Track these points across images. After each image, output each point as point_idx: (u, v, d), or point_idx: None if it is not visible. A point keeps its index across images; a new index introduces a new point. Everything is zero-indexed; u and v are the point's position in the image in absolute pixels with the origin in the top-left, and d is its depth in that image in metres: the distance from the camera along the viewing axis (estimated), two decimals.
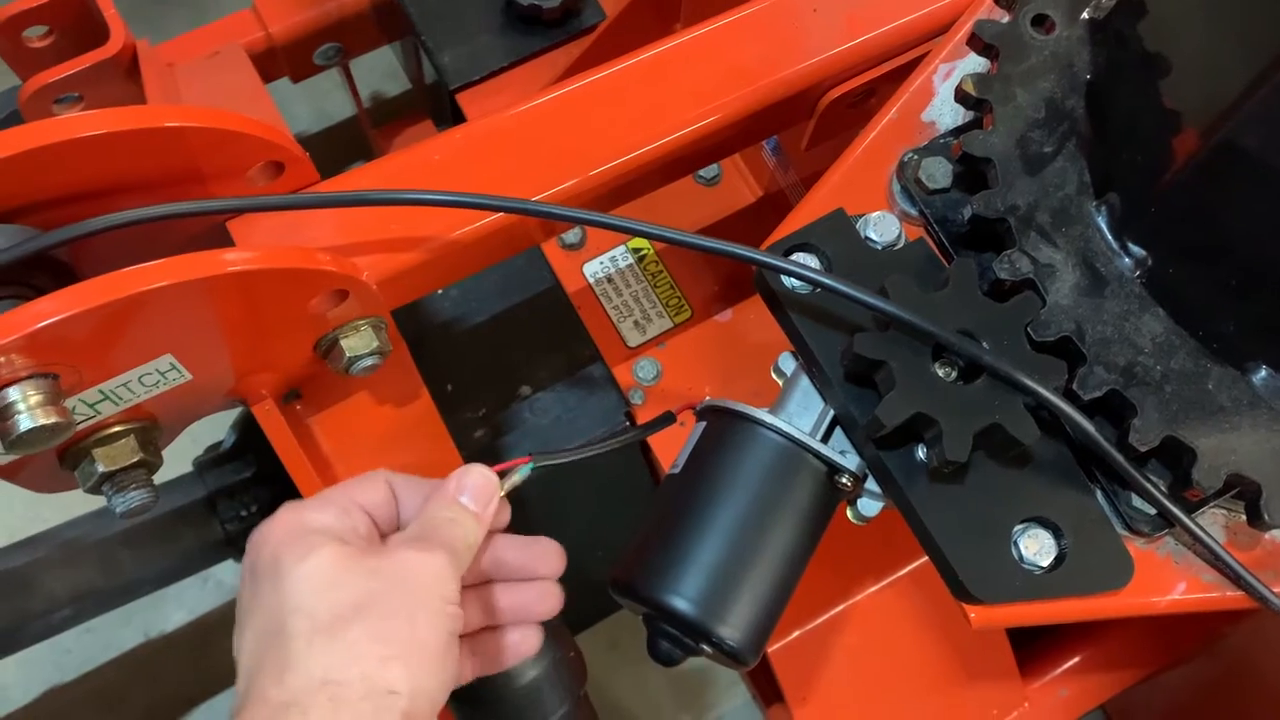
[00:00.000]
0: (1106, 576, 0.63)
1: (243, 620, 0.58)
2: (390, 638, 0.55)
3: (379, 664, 0.54)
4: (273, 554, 0.57)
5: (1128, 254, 0.65)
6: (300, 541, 0.57)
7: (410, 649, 0.55)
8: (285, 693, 0.52)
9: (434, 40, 1.11)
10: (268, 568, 0.57)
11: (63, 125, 0.60)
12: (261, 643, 0.55)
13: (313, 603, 0.55)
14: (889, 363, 0.60)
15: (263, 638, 0.56)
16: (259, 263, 0.60)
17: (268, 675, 0.54)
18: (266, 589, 0.57)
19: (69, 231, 0.57)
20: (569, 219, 0.67)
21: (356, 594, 0.56)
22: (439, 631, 0.57)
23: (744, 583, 0.64)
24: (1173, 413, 0.62)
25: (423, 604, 0.57)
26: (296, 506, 0.60)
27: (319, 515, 0.59)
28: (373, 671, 0.53)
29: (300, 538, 0.57)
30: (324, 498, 0.61)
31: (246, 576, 0.59)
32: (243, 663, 0.56)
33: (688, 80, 0.76)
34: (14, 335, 0.53)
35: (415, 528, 0.61)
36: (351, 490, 0.62)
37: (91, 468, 0.64)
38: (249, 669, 0.55)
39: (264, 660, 0.55)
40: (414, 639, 0.55)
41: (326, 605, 0.55)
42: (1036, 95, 0.67)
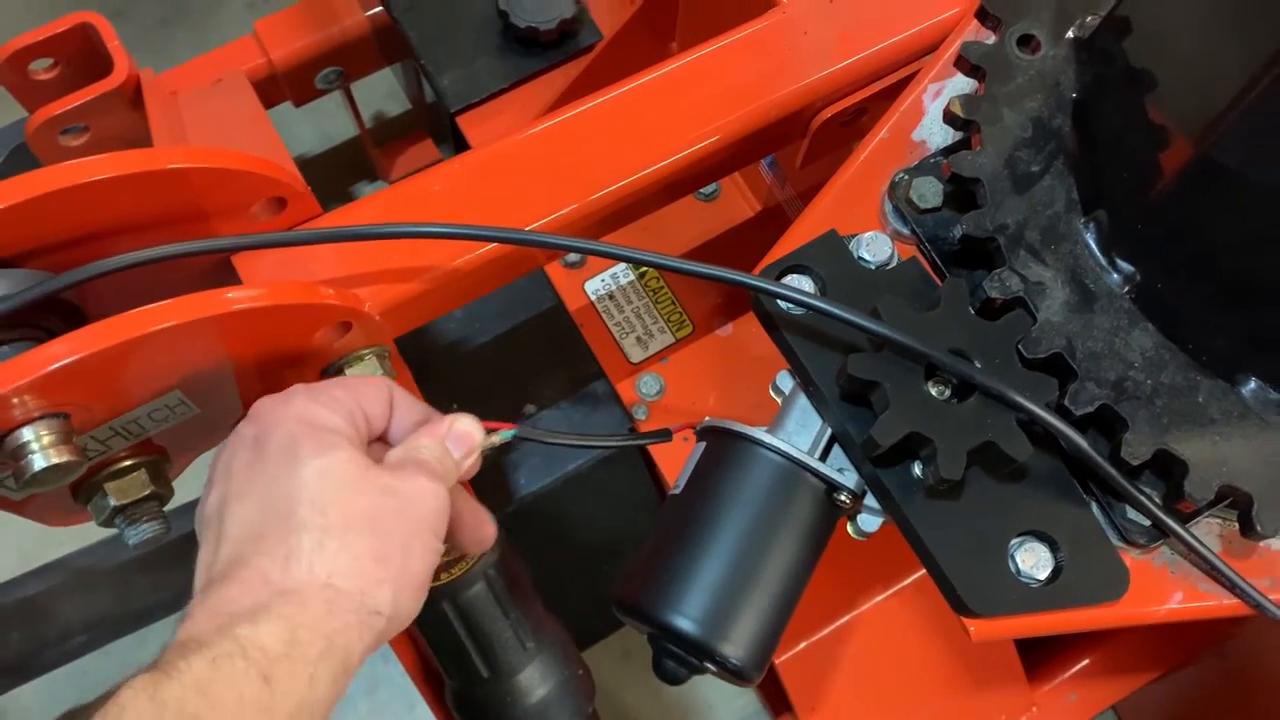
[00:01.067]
0: (1103, 588, 0.64)
1: (236, 488, 0.58)
2: (389, 560, 0.57)
3: (374, 583, 0.56)
4: (289, 436, 0.58)
5: (1116, 270, 0.66)
6: (318, 435, 0.58)
7: (402, 575, 0.57)
8: (287, 579, 0.54)
9: (434, 64, 1.13)
10: (281, 448, 0.58)
11: (69, 171, 0.61)
12: (264, 518, 0.56)
13: (327, 499, 0.57)
14: (883, 383, 0.61)
15: (266, 514, 0.57)
16: (263, 300, 0.62)
17: (268, 555, 0.55)
18: (279, 468, 0.58)
19: (78, 275, 0.59)
20: (565, 248, 0.68)
21: (368, 506, 0.57)
22: (425, 564, 0.59)
23: (746, 601, 0.65)
24: (1164, 426, 0.63)
25: (419, 534, 0.59)
26: (309, 398, 0.61)
27: (333, 417, 0.60)
28: (368, 588, 0.56)
29: (318, 431, 0.59)
30: (334, 399, 0.61)
31: (246, 445, 0.60)
32: (226, 530, 0.57)
33: (684, 104, 0.77)
34: (27, 378, 0.55)
35: (407, 453, 0.63)
36: (359, 396, 0.63)
37: (104, 502, 0.65)
38: (237, 537, 0.57)
39: (263, 537, 0.56)
40: (406, 567, 0.58)
41: (340, 507, 0.57)
42: (1024, 115, 0.68)
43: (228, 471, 0.59)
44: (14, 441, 0.56)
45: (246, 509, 0.57)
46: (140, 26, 1.77)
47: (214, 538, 0.58)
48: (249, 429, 0.60)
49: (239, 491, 0.58)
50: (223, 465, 0.60)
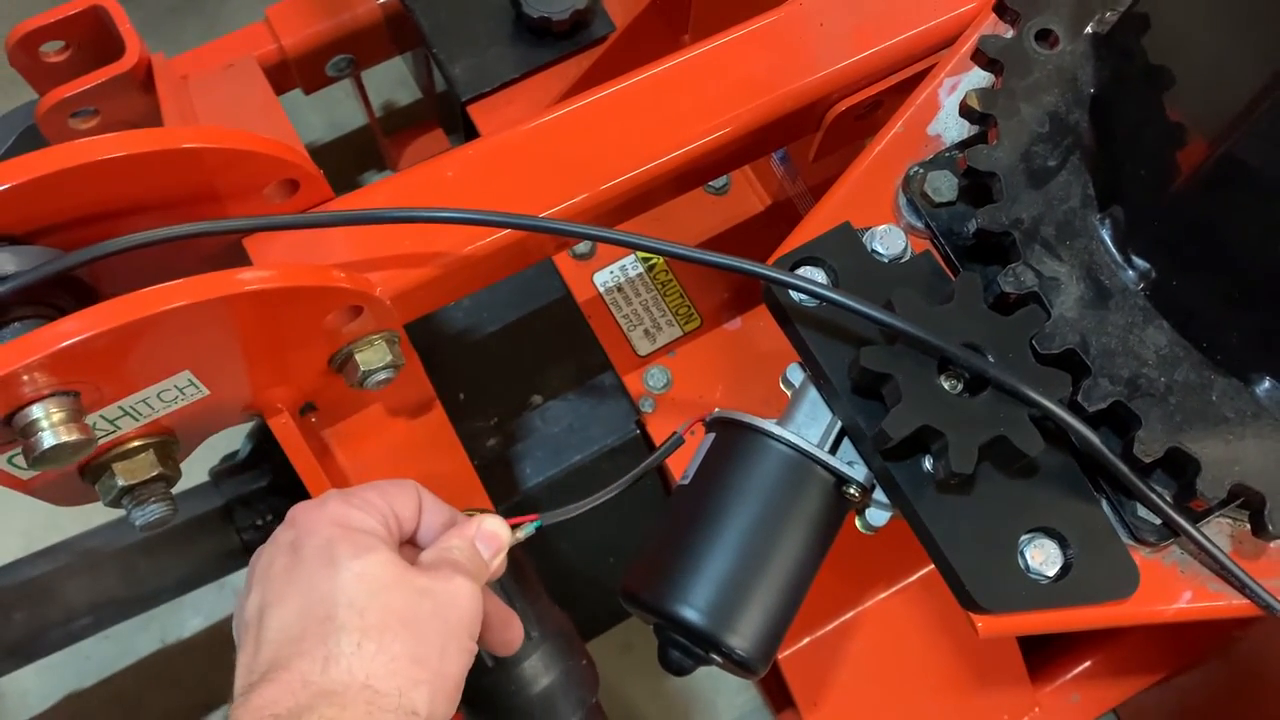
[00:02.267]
0: (1113, 586, 0.64)
1: (274, 594, 0.58)
2: (426, 662, 0.57)
3: (412, 684, 0.56)
4: (326, 540, 0.59)
5: (1131, 267, 0.65)
6: (354, 537, 0.59)
7: (437, 677, 0.58)
8: (327, 681, 0.54)
9: (445, 52, 1.12)
10: (319, 552, 0.59)
11: (82, 149, 0.61)
12: (303, 620, 0.57)
13: (365, 601, 0.57)
14: (895, 376, 0.61)
15: (305, 617, 0.57)
16: (274, 281, 0.61)
17: (308, 658, 0.55)
18: (317, 572, 0.58)
19: (90, 253, 0.58)
20: (577, 235, 0.68)
21: (405, 607, 0.58)
22: (460, 665, 0.60)
23: (753, 593, 0.65)
24: (1177, 424, 0.62)
25: (455, 636, 0.59)
26: (344, 501, 0.62)
27: (368, 519, 0.61)
28: (405, 689, 0.56)
29: (354, 534, 0.59)
30: (368, 501, 0.62)
31: (284, 552, 0.60)
32: (266, 635, 0.57)
33: (697, 94, 0.77)
34: (37, 355, 0.55)
35: (439, 554, 0.63)
36: (391, 498, 0.64)
37: (112, 482, 0.65)
38: (276, 641, 0.56)
39: (302, 640, 0.56)
40: (442, 669, 0.58)
41: (378, 609, 0.57)
42: (1040, 109, 0.68)
43: (266, 576, 0.60)
44: (24, 419, 0.56)
45: (286, 612, 0.58)
46: (151, 13, 1.77)
47: (253, 641, 0.58)
48: (286, 534, 0.61)
49: (278, 595, 0.58)
50: (261, 569, 0.61)
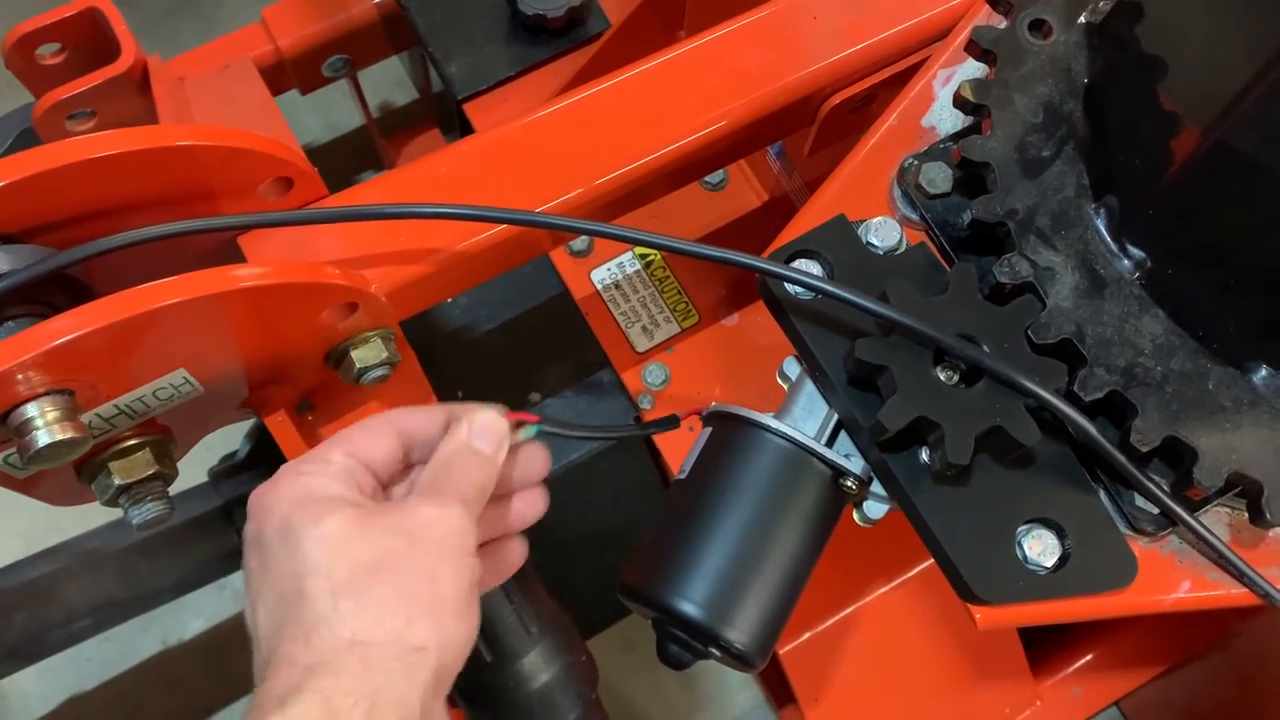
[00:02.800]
0: (1111, 576, 0.64)
1: (255, 591, 0.57)
2: (414, 595, 0.55)
3: (406, 622, 0.54)
4: (282, 521, 0.56)
5: (1127, 256, 0.65)
6: (310, 506, 0.56)
7: (434, 604, 0.55)
8: (313, 654, 0.52)
9: (441, 51, 1.13)
10: (277, 534, 0.56)
11: (76, 146, 0.61)
12: (279, 608, 0.55)
13: (330, 563, 0.55)
14: (890, 367, 0.61)
15: (279, 602, 0.55)
16: (269, 278, 0.61)
17: (290, 639, 0.53)
18: (279, 554, 0.56)
19: (83, 250, 0.58)
20: (573, 229, 0.68)
21: (375, 552, 0.55)
22: (461, 584, 0.57)
23: (751, 586, 0.65)
24: (1173, 413, 0.62)
25: (442, 559, 0.57)
26: (295, 471, 0.59)
27: (322, 481, 0.58)
28: (401, 630, 0.54)
29: (310, 503, 0.57)
30: (323, 459, 0.59)
31: (252, 547, 0.58)
32: (260, 633, 0.56)
33: (691, 89, 0.76)
34: (32, 352, 0.55)
35: (429, 475, 0.61)
36: (356, 447, 0.61)
37: (108, 481, 0.65)
38: (267, 636, 0.55)
39: (284, 624, 0.54)
40: (436, 594, 0.55)
41: (345, 565, 0.55)
42: (1034, 100, 0.68)
43: (248, 578, 0.58)
44: (18, 418, 0.56)
45: (266, 606, 0.56)
46: (148, 16, 1.77)
47: (255, 646, 0.56)
48: (249, 528, 0.59)
49: (256, 593, 0.57)
50: (246, 573, 0.59)
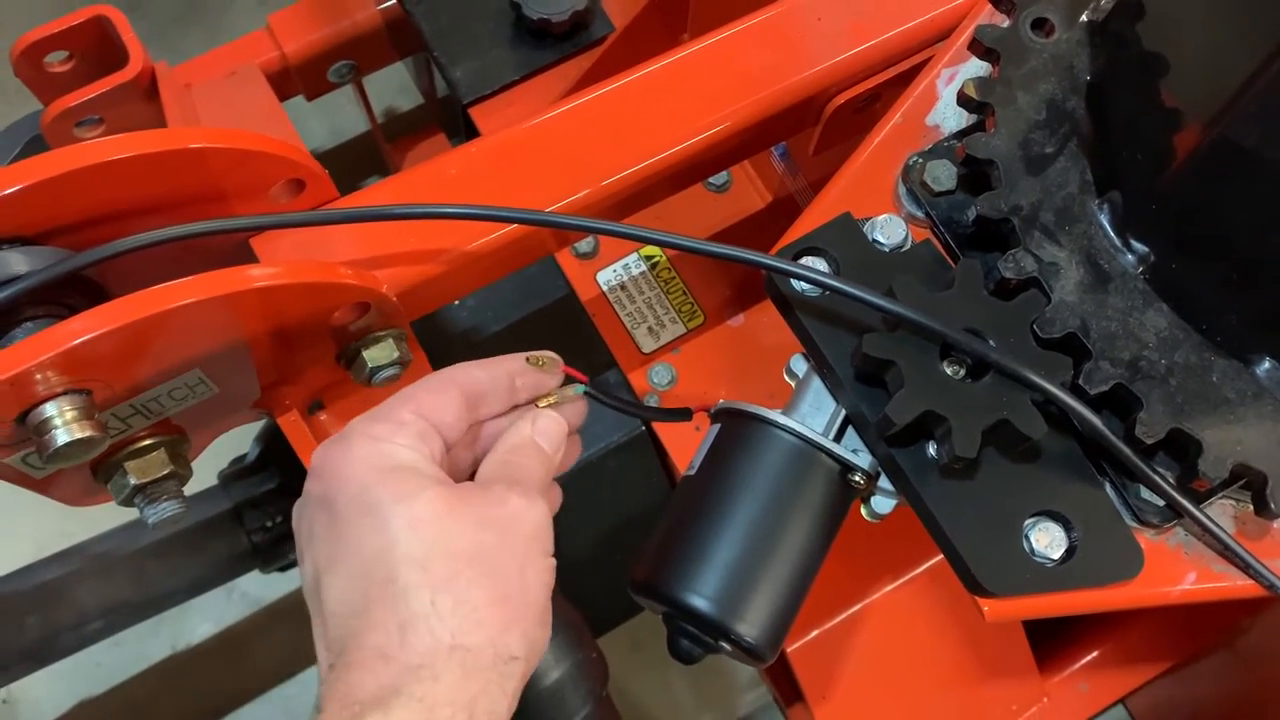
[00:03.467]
0: (1117, 568, 0.64)
1: (325, 557, 0.54)
2: (508, 600, 0.53)
3: (501, 630, 0.53)
4: (361, 488, 0.53)
5: (1130, 251, 0.66)
6: (396, 479, 0.54)
7: (524, 610, 0.54)
8: (410, 654, 0.50)
9: (446, 56, 1.13)
10: (356, 505, 0.53)
11: (90, 150, 0.61)
12: (360, 588, 0.52)
13: (426, 553, 0.52)
14: (898, 362, 0.61)
15: (361, 582, 0.52)
16: (282, 278, 0.62)
17: (382, 630, 0.51)
18: (361, 527, 0.53)
19: (99, 252, 0.59)
20: (583, 229, 0.68)
21: (469, 546, 0.53)
22: (544, 587, 0.56)
23: (761, 580, 0.65)
24: (1178, 405, 0.63)
25: (530, 559, 0.55)
26: (368, 434, 0.56)
27: (404, 451, 0.55)
28: (497, 636, 0.52)
29: (393, 474, 0.54)
30: (395, 420, 0.57)
31: (319, 508, 0.55)
32: (328, 607, 0.53)
33: (696, 90, 0.77)
34: (50, 353, 0.55)
35: (501, 461, 0.60)
36: (426, 408, 0.58)
37: (124, 480, 0.66)
38: (343, 614, 0.52)
39: (369, 609, 0.52)
40: (526, 599, 0.54)
41: (442, 557, 0.52)
42: (1038, 97, 0.68)
43: (310, 538, 0.56)
44: (37, 417, 0.57)
45: (341, 580, 0.53)
46: (154, 23, 1.79)
47: (319, 614, 0.54)
48: (315, 486, 0.56)
49: (329, 560, 0.54)
50: (304, 532, 0.56)
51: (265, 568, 1.03)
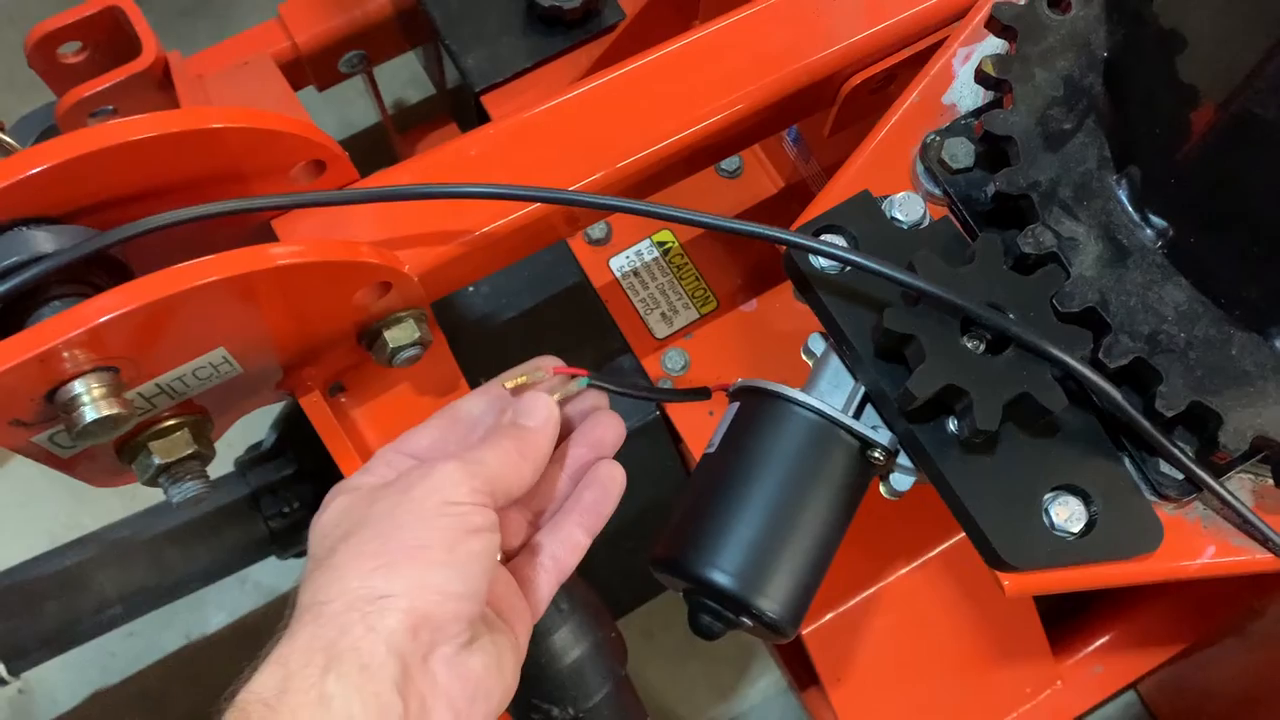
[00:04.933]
0: (1137, 541, 0.65)
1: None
2: (375, 550, 0.55)
3: (363, 576, 0.53)
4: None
5: (1149, 225, 0.66)
6: (326, 507, 0.60)
7: (399, 553, 0.54)
8: (283, 638, 0.53)
9: (458, 44, 1.14)
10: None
11: (114, 130, 0.62)
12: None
13: (315, 548, 0.57)
14: (919, 336, 0.62)
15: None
16: (304, 256, 0.63)
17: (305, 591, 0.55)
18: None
19: (125, 231, 0.60)
20: (604, 207, 0.69)
21: (350, 524, 0.57)
22: (436, 530, 0.56)
23: (781, 556, 0.66)
24: (1197, 379, 0.63)
25: (413, 512, 0.56)
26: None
27: (358, 477, 0.61)
28: (356, 584, 0.53)
29: (329, 500, 0.60)
30: (373, 459, 0.63)
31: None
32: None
33: (713, 70, 0.78)
34: (77, 330, 0.56)
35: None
36: (405, 442, 0.64)
37: (149, 460, 0.66)
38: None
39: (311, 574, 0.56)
40: (402, 544, 0.55)
41: (325, 544, 0.56)
42: (1055, 74, 0.69)
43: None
44: (66, 394, 0.57)
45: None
46: (162, 16, 1.79)
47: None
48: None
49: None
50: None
51: (282, 554, 1.04)
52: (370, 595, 0.52)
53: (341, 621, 0.52)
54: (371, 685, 0.51)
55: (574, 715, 0.79)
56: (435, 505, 0.56)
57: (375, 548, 0.54)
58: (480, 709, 0.57)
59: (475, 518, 0.57)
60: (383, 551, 0.54)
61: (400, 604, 0.53)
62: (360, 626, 0.51)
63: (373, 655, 0.51)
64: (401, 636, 0.52)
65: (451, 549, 0.55)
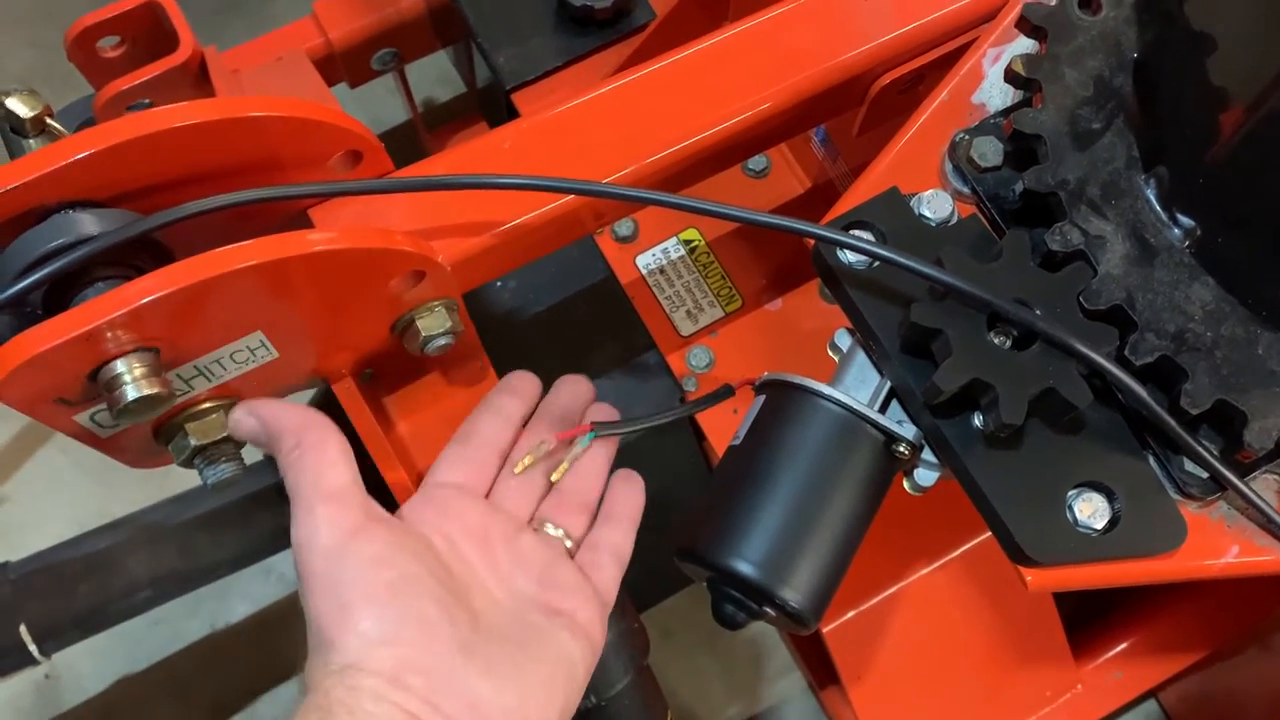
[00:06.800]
0: (1161, 539, 0.65)
1: None
2: (330, 606, 0.62)
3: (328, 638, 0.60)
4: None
5: (1177, 225, 0.67)
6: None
7: (344, 610, 0.60)
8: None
9: (490, 42, 1.15)
10: None
11: (155, 117, 0.63)
12: None
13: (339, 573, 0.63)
14: (946, 331, 0.62)
15: None
16: (341, 242, 0.64)
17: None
18: None
19: (170, 214, 0.61)
20: (636, 199, 0.70)
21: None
22: (366, 569, 0.62)
23: (806, 547, 0.66)
24: (1223, 377, 0.63)
25: (354, 555, 0.61)
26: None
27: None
28: (322, 644, 0.60)
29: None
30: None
31: None
32: None
33: (743, 67, 0.78)
34: (121, 309, 0.57)
35: None
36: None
37: (185, 442, 0.68)
38: None
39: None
40: (347, 595, 0.60)
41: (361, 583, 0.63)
42: (1085, 74, 0.69)
43: None
44: (108, 373, 0.58)
45: None
46: (196, 13, 1.79)
47: None
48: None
49: None
50: None
51: None
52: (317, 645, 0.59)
53: (323, 686, 0.57)
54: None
55: (596, 703, 0.80)
56: (361, 545, 0.62)
57: (327, 603, 0.60)
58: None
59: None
60: (330, 609, 0.60)
61: (340, 659, 0.57)
62: (342, 690, 0.56)
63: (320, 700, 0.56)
64: (358, 693, 0.56)
65: (371, 584, 0.61)
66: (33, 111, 0.66)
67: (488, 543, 0.68)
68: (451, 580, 0.63)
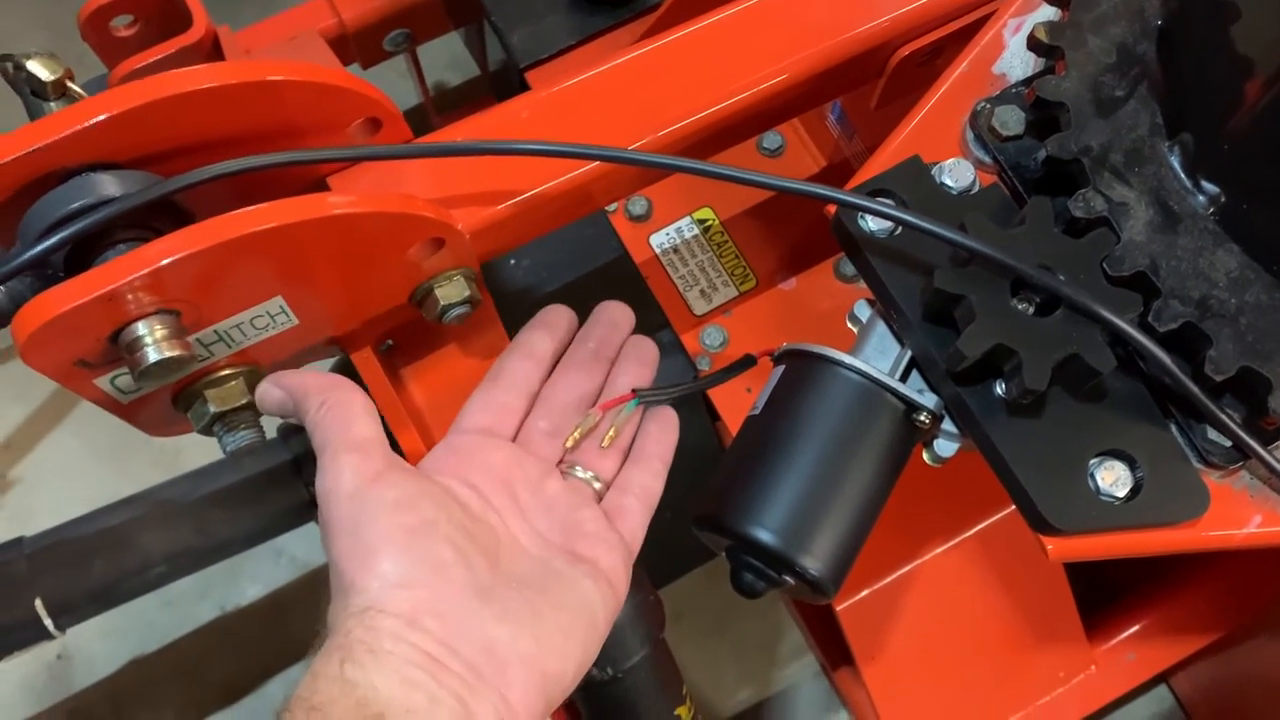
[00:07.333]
0: (1183, 507, 0.65)
1: None
2: (351, 551, 0.62)
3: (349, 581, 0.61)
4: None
5: (1201, 191, 0.66)
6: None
7: (365, 555, 0.61)
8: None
9: (504, 21, 1.15)
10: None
11: (172, 80, 0.62)
12: None
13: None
14: (969, 296, 0.62)
15: None
16: (361, 206, 0.64)
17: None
18: None
19: (190, 177, 0.61)
20: (656, 165, 0.69)
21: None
22: (389, 527, 0.62)
23: (825, 516, 0.66)
24: (1248, 344, 0.63)
25: (372, 507, 0.62)
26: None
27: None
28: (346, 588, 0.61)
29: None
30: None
31: None
32: None
33: (762, 39, 0.78)
34: (142, 270, 0.57)
35: None
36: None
37: (204, 408, 0.68)
38: None
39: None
40: (367, 543, 0.61)
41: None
42: (1108, 41, 0.69)
43: None
44: (130, 335, 0.58)
45: None
46: None
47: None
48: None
49: None
50: None
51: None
52: (340, 590, 0.60)
53: (345, 627, 0.57)
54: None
55: (612, 675, 0.80)
56: (377, 502, 0.61)
57: (345, 548, 0.61)
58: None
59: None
60: (351, 554, 0.60)
61: (353, 602, 0.58)
62: (361, 630, 0.57)
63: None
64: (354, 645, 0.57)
65: (406, 533, 0.61)
66: (54, 75, 0.66)
67: (511, 488, 0.68)
68: (473, 525, 0.63)
